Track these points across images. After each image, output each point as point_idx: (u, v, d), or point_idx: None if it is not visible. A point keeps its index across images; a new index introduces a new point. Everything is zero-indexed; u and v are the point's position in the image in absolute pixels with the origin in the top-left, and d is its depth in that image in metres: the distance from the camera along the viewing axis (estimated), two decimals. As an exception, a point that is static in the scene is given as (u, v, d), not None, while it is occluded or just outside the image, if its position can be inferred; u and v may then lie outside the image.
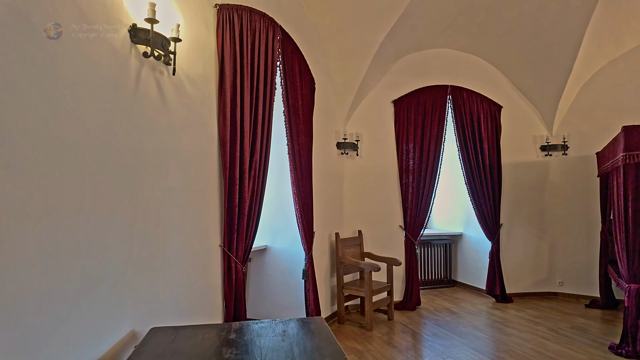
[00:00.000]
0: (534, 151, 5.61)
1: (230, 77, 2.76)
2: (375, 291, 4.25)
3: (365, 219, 5.05)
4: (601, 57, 5.13)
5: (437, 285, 6.14)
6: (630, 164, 3.47)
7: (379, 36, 4.29)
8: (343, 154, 4.88)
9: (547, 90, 5.33)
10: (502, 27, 4.87)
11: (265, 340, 1.83)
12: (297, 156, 3.67)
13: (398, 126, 5.14)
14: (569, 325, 4.29)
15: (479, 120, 5.31)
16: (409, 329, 4.21)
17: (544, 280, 5.57)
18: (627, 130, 3.51)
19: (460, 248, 6.21)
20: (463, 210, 6.04)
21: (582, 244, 5.34)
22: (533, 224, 5.58)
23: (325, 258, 4.42)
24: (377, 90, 5.10)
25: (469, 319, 4.52)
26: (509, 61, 5.31)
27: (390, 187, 5.17)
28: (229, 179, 2.73)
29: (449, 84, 5.24)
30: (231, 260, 2.78)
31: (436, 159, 5.10)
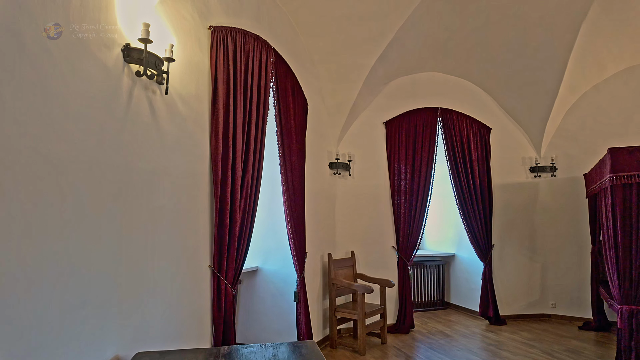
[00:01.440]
0: (523, 172, 5.68)
1: (223, 97, 2.78)
2: (368, 314, 4.17)
3: (357, 239, 5.01)
4: (585, 82, 5.29)
5: (430, 307, 6.06)
6: (617, 185, 3.52)
7: (369, 60, 4.37)
8: (335, 174, 4.89)
9: (534, 113, 5.46)
10: (489, 52, 5.02)
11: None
12: (290, 176, 3.66)
13: (390, 147, 5.19)
14: (562, 348, 4.24)
15: (469, 142, 5.39)
16: (402, 353, 4.11)
17: (536, 301, 5.53)
18: (613, 152, 3.58)
19: (453, 269, 6.18)
20: (455, 231, 6.04)
21: (573, 265, 5.35)
22: (524, 245, 5.59)
23: (317, 279, 4.36)
24: (368, 111, 5.17)
25: (463, 342, 4.45)
26: (497, 85, 5.44)
27: (383, 208, 5.17)
28: (220, 199, 2.70)
29: (439, 107, 5.34)
30: (221, 282, 2.72)
31: (427, 180, 5.13)
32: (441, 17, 4.38)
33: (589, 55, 4.90)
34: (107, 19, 1.92)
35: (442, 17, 4.39)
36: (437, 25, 4.49)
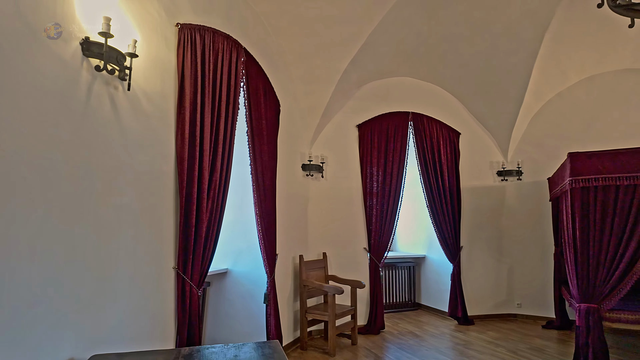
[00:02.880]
0: (490, 176, 5.85)
1: (190, 96, 2.74)
2: (339, 315, 4.18)
3: (330, 241, 5.03)
4: (549, 89, 5.52)
5: (401, 308, 6.13)
6: (576, 188, 3.68)
7: (342, 64, 4.42)
8: (308, 175, 4.90)
9: (501, 119, 5.64)
10: (459, 59, 5.16)
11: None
12: (261, 177, 3.64)
13: (362, 150, 5.25)
14: (527, 347, 4.37)
15: (439, 146, 5.51)
16: (372, 354, 4.14)
17: (503, 302, 5.69)
18: (572, 156, 3.74)
19: (424, 270, 6.29)
20: (426, 233, 6.15)
21: (537, 266, 5.54)
22: (492, 246, 5.75)
23: (288, 281, 4.34)
24: (342, 114, 5.21)
25: (432, 342, 4.52)
26: (466, 91, 5.60)
27: (355, 210, 5.21)
28: (185, 199, 2.66)
29: (410, 111, 5.44)
30: (186, 284, 2.67)
31: (399, 183, 5.21)
32: (412, 24, 4.48)
33: (552, 64, 5.11)
34: (65, 11, 1.87)
35: (413, 24, 4.48)
36: (409, 31, 4.59)
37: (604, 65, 5.22)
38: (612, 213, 3.53)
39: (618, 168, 3.53)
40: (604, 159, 3.59)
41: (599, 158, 3.61)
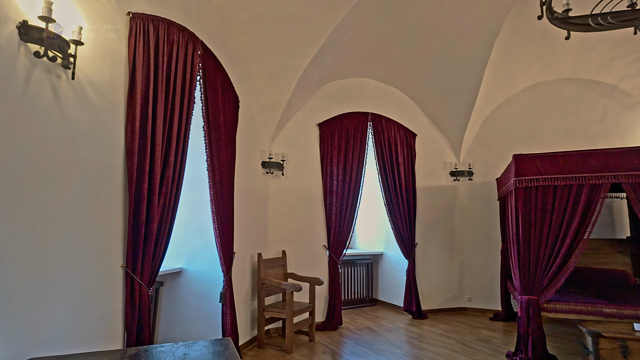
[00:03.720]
0: (444, 176, 6.11)
1: (141, 88, 2.64)
2: (297, 312, 4.20)
3: (289, 239, 5.03)
4: (498, 94, 5.84)
5: (359, 304, 6.25)
6: (519, 188, 3.93)
7: (303, 62, 4.44)
8: (268, 173, 4.87)
9: (454, 122, 5.90)
10: (416, 62, 5.33)
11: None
12: (218, 174, 3.58)
13: (323, 148, 5.29)
14: (475, 338, 4.61)
15: (397, 147, 5.68)
16: (329, 349, 4.19)
17: (455, 296, 5.96)
18: (517, 158, 3.99)
19: (381, 267, 6.45)
20: (384, 231, 6.30)
21: (486, 262, 5.85)
22: (445, 243, 6.00)
23: (246, 280, 4.29)
24: (303, 112, 5.23)
25: (387, 336, 4.65)
26: (423, 94, 5.80)
27: (315, 208, 5.25)
28: (135, 194, 2.56)
29: (369, 112, 5.56)
30: (135, 283, 2.57)
31: (358, 181, 5.31)
32: (371, 26, 4.58)
33: (501, 70, 5.42)
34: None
35: (372, 26, 4.58)
36: (368, 33, 4.68)
37: (547, 73, 5.60)
38: (550, 211, 3.81)
39: (556, 169, 3.81)
40: (544, 161, 3.86)
41: (540, 160, 3.88)
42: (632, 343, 3.10)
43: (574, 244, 3.69)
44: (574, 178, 3.73)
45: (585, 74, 5.44)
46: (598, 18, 2.68)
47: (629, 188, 3.58)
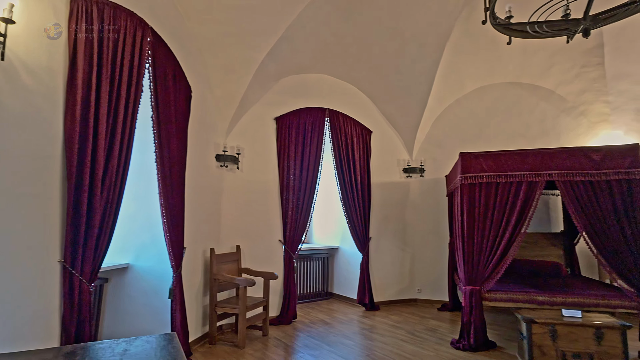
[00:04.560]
0: (397, 173, 6.31)
1: (83, 73, 2.50)
2: (250, 307, 4.17)
3: (244, 234, 4.98)
4: (449, 95, 6.10)
5: (315, 298, 6.32)
6: (464, 184, 4.15)
7: (259, 54, 4.39)
8: (223, 166, 4.78)
9: (408, 120, 6.10)
10: (372, 61, 5.45)
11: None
12: (167, 166, 3.47)
13: (280, 143, 5.27)
14: (423, 327, 4.82)
15: (353, 143, 5.78)
16: (282, 343, 4.21)
17: (406, 288, 6.19)
18: (463, 156, 4.21)
19: (337, 261, 6.55)
20: (340, 226, 6.40)
21: (436, 255, 6.12)
22: (397, 237, 6.21)
23: (197, 275, 4.20)
24: (259, 106, 5.17)
25: (339, 328, 4.74)
26: (378, 91, 5.94)
27: (271, 202, 5.22)
28: (75, 186, 2.43)
29: (327, 107, 5.61)
30: (74, 278, 2.44)
31: (315, 176, 5.35)
32: (329, 22, 4.62)
33: (452, 72, 5.66)
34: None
35: (329, 22, 4.62)
36: (325, 29, 4.72)
37: (493, 77, 5.93)
38: (492, 207, 4.05)
39: (498, 167, 4.06)
40: (487, 159, 4.10)
41: (484, 158, 4.12)
42: (560, 327, 3.38)
43: (513, 237, 3.96)
44: (513, 175, 4.00)
45: (527, 79, 5.82)
46: (535, 26, 2.89)
47: (561, 185, 3.89)
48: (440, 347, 4.06)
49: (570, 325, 3.37)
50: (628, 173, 3.69)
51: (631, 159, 3.71)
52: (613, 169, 3.73)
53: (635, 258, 3.62)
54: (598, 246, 3.75)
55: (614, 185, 3.72)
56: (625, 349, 3.23)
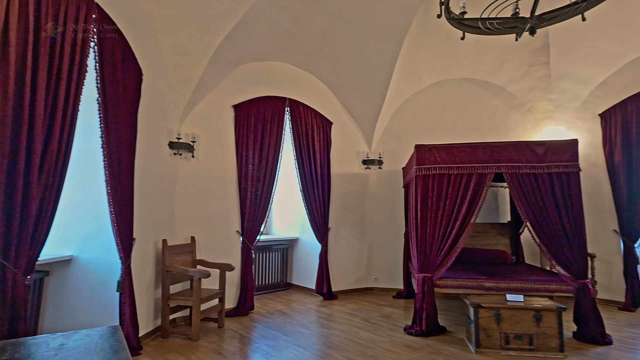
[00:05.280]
0: (357, 164, 6.39)
1: (16, 50, 2.29)
2: (205, 299, 4.08)
3: (200, 224, 4.84)
4: (407, 89, 6.23)
5: (273, 289, 6.30)
6: (419, 175, 4.27)
7: (216, 39, 4.24)
8: (176, 154, 4.60)
9: (367, 113, 6.17)
10: (333, 51, 5.44)
11: (34, 358, 1.52)
12: (115, 152, 3.28)
13: (238, 132, 5.15)
14: (379, 315, 4.94)
15: (313, 133, 5.77)
16: (238, 334, 4.16)
17: (363, 277, 6.32)
18: (418, 148, 4.32)
19: (296, 252, 6.56)
20: (299, 216, 6.40)
21: (392, 244, 6.29)
22: (356, 228, 6.31)
23: (149, 267, 4.04)
24: (217, 92, 5.02)
25: (297, 318, 4.76)
26: (339, 83, 5.95)
27: (229, 193, 5.11)
28: (8, 171, 2.23)
29: (287, 97, 5.54)
30: (7, 271, 2.26)
31: (274, 167, 5.29)
32: (289, 9, 4.54)
33: (410, 66, 5.78)
34: None
35: (290, 9, 4.54)
36: (286, 15, 4.63)
37: (449, 72, 6.12)
38: (444, 197, 4.20)
39: (451, 159, 4.21)
40: (440, 151, 4.24)
41: (438, 150, 4.25)
42: (504, 311, 3.59)
43: (463, 227, 4.14)
44: (465, 167, 4.17)
45: (480, 76, 6.06)
46: (487, 22, 2.99)
47: (508, 177, 4.10)
48: (394, 333, 4.18)
49: (513, 309, 3.58)
50: (567, 166, 3.95)
51: (570, 153, 3.98)
52: (554, 162, 3.98)
53: (571, 245, 3.91)
54: (539, 235, 4.00)
55: (555, 178, 3.98)
56: (561, 329, 3.50)
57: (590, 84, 5.45)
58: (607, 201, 5.32)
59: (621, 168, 5.14)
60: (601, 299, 5.24)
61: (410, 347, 3.76)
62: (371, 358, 3.46)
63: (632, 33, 4.83)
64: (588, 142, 5.48)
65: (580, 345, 3.76)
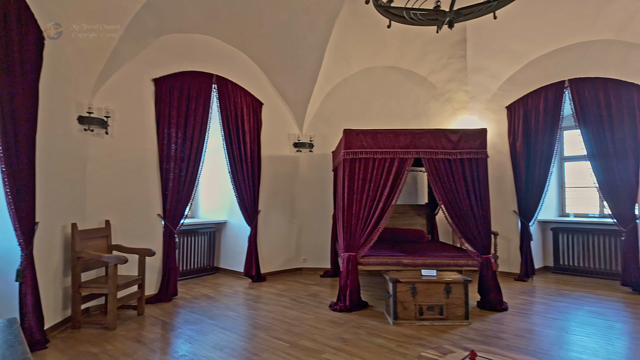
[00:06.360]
0: (288, 147, 6.38)
1: None
2: (122, 286, 3.83)
3: (116, 207, 4.48)
4: (338, 74, 6.32)
5: (200, 273, 6.12)
6: (347, 159, 4.40)
7: (133, 5, 3.87)
8: (87, 130, 4.17)
9: (298, 95, 6.16)
10: (263, 29, 5.28)
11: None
12: (10, 125, 2.89)
13: (159, 108, 4.81)
14: (306, 294, 5.07)
15: (243, 114, 5.61)
16: (159, 321, 4.00)
17: (292, 258, 6.42)
18: (346, 133, 4.44)
19: (224, 235, 6.42)
20: (228, 199, 6.24)
21: (321, 226, 6.44)
22: (286, 210, 6.34)
23: (56, 254, 3.67)
24: (135, 64, 4.60)
25: (224, 302, 4.70)
26: (269, 62, 5.83)
27: (149, 173, 4.78)
28: None
29: (215, 73, 5.29)
30: None
31: (200, 147, 5.05)
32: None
33: (341, 51, 5.85)
34: None
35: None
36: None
37: (377, 60, 6.31)
38: (369, 180, 4.39)
39: (376, 144, 4.39)
40: (367, 136, 4.40)
41: (364, 135, 4.41)
42: (419, 285, 3.90)
43: (385, 208, 4.37)
44: (388, 152, 4.38)
45: (405, 65, 6.35)
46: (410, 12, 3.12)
47: (425, 162, 4.40)
48: (319, 310, 4.33)
49: (427, 282, 3.91)
50: (477, 153, 4.35)
51: (480, 141, 4.37)
52: (466, 149, 4.35)
53: (477, 225, 4.34)
54: (451, 215, 4.38)
55: (466, 163, 4.36)
56: (467, 299, 3.90)
57: (500, 79, 6.00)
58: (509, 185, 5.98)
59: (522, 156, 5.80)
60: (501, 271, 5.94)
61: (334, 322, 3.93)
62: (296, 335, 3.55)
63: (536, 34, 5.39)
64: (496, 132, 6.07)
65: (482, 312, 4.24)
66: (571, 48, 5.40)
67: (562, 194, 6.54)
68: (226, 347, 3.30)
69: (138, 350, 3.22)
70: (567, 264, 6.10)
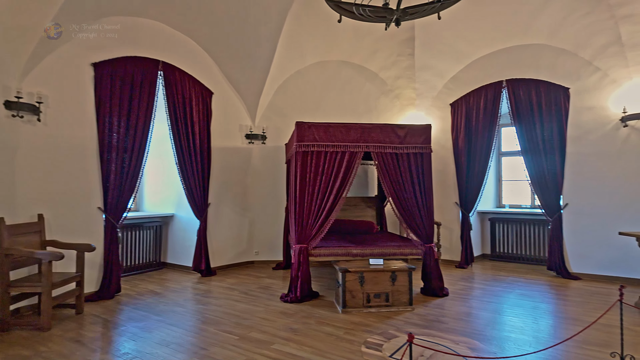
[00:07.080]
0: (239, 138, 6.27)
1: None
2: (58, 284, 3.59)
3: (51, 200, 4.16)
4: (291, 66, 6.29)
5: (145, 269, 5.88)
6: (299, 152, 4.42)
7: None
8: (16, 116, 3.82)
9: (250, 86, 6.06)
10: (213, 16, 5.12)
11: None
12: None
13: (99, 94, 4.51)
14: (257, 286, 5.05)
15: (191, 103, 5.42)
16: (100, 319, 3.80)
17: (244, 251, 6.35)
18: (298, 125, 4.45)
19: (172, 229, 6.20)
20: (175, 192, 6.02)
21: (273, 219, 6.43)
22: (237, 203, 6.25)
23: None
24: (72, 46, 4.27)
25: (171, 297, 4.56)
26: (220, 51, 5.67)
27: (88, 164, 4.49)
28: None
29: (161, 60, 5.06)
30: None
31: (145, 137, 4.82)
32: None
33: (294, 43, 5.83)
34: None
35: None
36: (159, -31, 4.18)
37: (330, 54, 6.37)
38: (321, 173, 4.45)
39: (328, 138, 4.45)
40: (319, 129, 4.45)
41: (316, 128, 4.45)
42: (367, 274, 4.04)
43: (336, 200, 4.46)
44: (339, 146, 4.46)
45: (357, 60, 6.46)
46: (360, 8, 3.18)
47: (374, 156, 4.53)
48: (270, 302, 4.34)
49: (374, 271, 4.06)
50: (422, 147, 4.55)
51: (425, 136, 4.58)
52: (412, 144, 4.54)
53: (422, 215, 4.56)
54: (398, 207, 4.57)
55: (412, 158, 4.55)
56: (411, 286, 4.10)
57: (445, 77, 6.31)
58: (451, 178, 6.34)
59: (463, 151, 6.16)
60: (443, 259, 6.30)
61: (284, 313, 3.96)
62: (246, 328, 3.55)
63: (478, 35, 5.71)
64: (440, 128, 6.39)
65: (425, 298, 4.48)
66: (509, 50, 5.79)
67: (500, 186, 7.04)
68: (173, 342, 3.22)
69: (76, 351, 3.05)
70: (503, 251, 6.60)
